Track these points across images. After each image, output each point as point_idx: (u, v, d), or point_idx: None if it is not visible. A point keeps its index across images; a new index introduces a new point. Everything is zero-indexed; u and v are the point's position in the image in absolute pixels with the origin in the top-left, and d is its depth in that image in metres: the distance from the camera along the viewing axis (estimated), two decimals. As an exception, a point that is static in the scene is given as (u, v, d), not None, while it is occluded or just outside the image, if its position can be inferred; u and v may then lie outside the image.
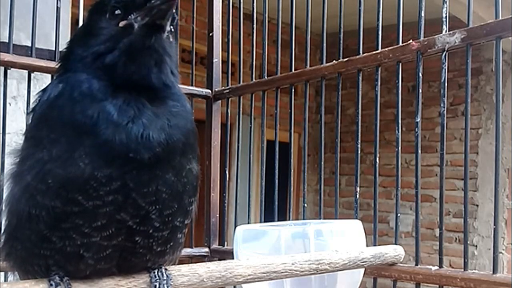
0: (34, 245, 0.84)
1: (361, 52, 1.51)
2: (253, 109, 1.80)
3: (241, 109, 1.85)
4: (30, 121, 0.90)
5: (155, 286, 0.90)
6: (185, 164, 0.88)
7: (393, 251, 1.29)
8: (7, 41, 1.53)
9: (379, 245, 1.35)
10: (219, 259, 1.75)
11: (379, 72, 1.48)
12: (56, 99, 0.85)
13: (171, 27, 0.91)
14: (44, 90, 0.90)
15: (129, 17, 0.88)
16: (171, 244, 0.91)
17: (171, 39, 0.91)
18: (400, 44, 1.42)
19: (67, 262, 0.85)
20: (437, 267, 1.30)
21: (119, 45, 0.87)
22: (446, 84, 1.34)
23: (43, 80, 1.88)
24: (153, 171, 0.83)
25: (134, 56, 0.87)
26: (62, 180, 0.80)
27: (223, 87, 1.91)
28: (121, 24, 0.88)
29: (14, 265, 0.91)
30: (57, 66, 0.95)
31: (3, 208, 0.89)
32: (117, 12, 0.89)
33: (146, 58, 0.87)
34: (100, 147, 0.80)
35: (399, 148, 1.44)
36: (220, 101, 1.92)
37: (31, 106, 0.92)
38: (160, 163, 0.84)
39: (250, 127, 1.81)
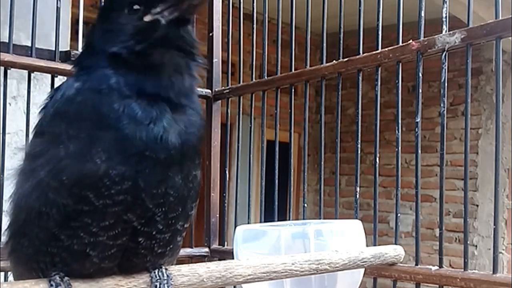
0: (41, 242, 0.85)
1: (361, 52, 1.51)
2: (253, 109, 1.80)
3: (241, 109, 1.85)
4: (42, 117, 0.89)
5: (156, 286, 0.91)
6: (192, 170, 0.90)
7: (393, 251, 1.29)
8: (7, 41, 1.53)
9: (379, 245, 1.35)
10: (219, 259, 1.75)
11: (379, 72, 1.48)
12: (76, 95, 0.85)
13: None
14: (57, 89, 0.90)
15: (152, 11, 0.87)
16: (171, 246, 0.92)
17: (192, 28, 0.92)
18: (400, 44, 1.42)
19: (73, 260, 0.85)
20: (437, 267, 1.30)
21: (149, 40, 0.87)
22: (446, 84, 1.34)
23: (43, 80, 1.89)
24: (165, 172, 0.85)
25: (164, 51, 0.87)
26: (76, 177, 0.81)
27: (223, 87, 1.91)
28: (146, 19, 0.88)
29: (18, 262, 0.91)
30: (72, 68, 0.93)
31: (9, 204, 0.89)
32: (136, 7, 0.88)
33: (174, 58, 0.88)
34: (119, 142, 0.81)
35: (399, 148, 1.44)
36: (220, 101, 1.92)
37: (43, 103, 0.91)
38: (172, 166, 0.85)
39: (250, 127, 1.81)
